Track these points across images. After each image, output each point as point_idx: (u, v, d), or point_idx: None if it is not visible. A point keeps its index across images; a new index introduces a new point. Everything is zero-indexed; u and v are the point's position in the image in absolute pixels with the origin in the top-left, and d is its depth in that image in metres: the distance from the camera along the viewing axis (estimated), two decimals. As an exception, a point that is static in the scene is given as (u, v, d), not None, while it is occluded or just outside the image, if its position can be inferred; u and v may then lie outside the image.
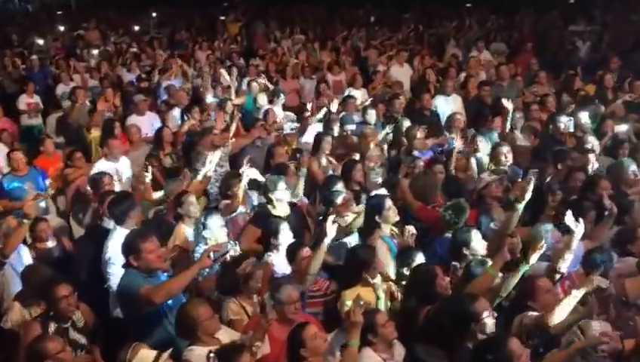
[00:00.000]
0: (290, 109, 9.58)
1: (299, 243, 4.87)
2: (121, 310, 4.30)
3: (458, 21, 14.75)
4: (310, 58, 12.72)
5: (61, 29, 17.69)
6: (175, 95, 9.55)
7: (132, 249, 4.06)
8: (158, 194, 6.21)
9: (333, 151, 7.03)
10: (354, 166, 6.24)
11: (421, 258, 4.71)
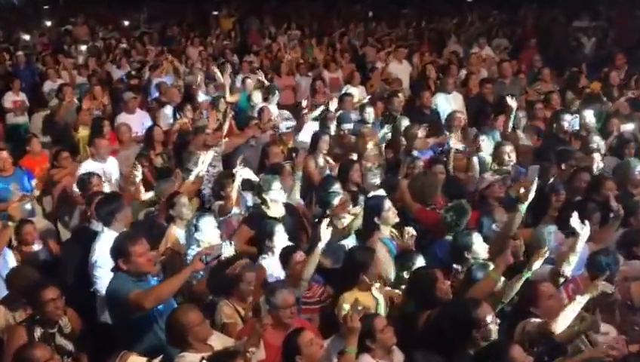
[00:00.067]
0: (285, 107, 9.54)
1: (292, 247, 4.86)
2: (110, 315, 4.29)
3: (459, 17, 14.75)
4: (305, 54, 12.69)
5: (48, 24, 17.64)
6: (167, 92, 9.52)
7: (121, 252, 4.04)
8: (148, 194, 6.19)
9: (330, 151, 7.02)
10: (351, 166, 6.21)
11: (421, 261, 4.70)
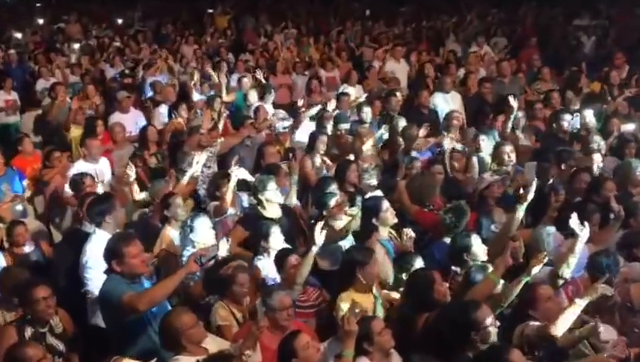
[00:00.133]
0: (280, 107, 9.53)
1: (288, 250, 4.86)
2: (103, 317, 4.28)
3: (457, 15, 14.77)
4: (301, 53, 12.69)
5: (40, 21, 17.63)
6: (162, 91, 9.53)
7: (115, 253, 4.04)
8: (142, 195, 6.19)
9: (327, 151, 7.01)
10: (348, 166, 6.21)
11: (420, 263, 4.72)
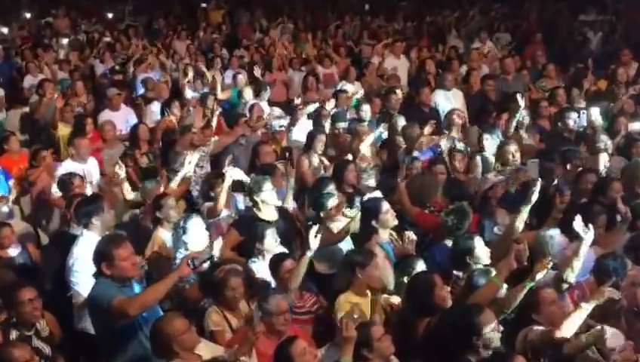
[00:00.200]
0: (277, 104, 9.52)
1: (283, 254, 4.85)
2: (92, 322, 4.25)
3: (459, 10, 14.76)
4: (298, 49, 12.69)
5: (27, 16, 17.60)
6: (155, 88, 9.51)
7: (104, 256, 4.01)
8: (132, 195, 6.17)
9: (324, 151, 7.00)
10: (346, 166, 6.20)
11: (422, 266, 4.70)
